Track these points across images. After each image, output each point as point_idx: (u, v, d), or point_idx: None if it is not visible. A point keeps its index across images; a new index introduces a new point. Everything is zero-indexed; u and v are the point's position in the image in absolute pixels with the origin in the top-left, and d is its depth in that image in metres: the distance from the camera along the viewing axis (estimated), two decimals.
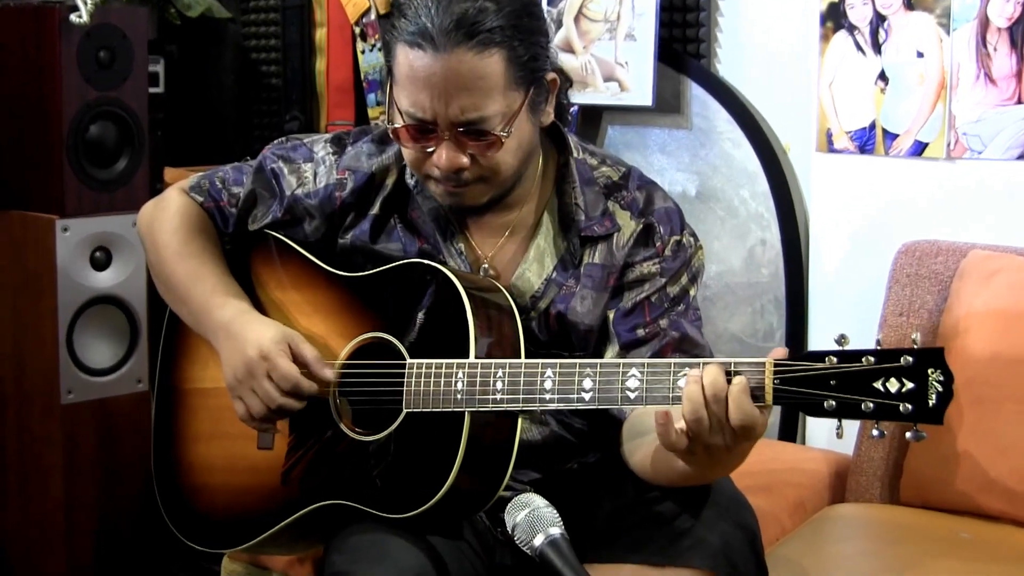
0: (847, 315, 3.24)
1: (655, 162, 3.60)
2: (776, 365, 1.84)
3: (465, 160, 2.08)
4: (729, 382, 1.85)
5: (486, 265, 2.24)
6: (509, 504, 1.88)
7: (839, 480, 3.03)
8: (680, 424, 1.88)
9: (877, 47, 3.14)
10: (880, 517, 2.86)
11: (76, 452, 3.40)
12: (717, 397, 1.84)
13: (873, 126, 3.18)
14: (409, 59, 2.05)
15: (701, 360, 1.91)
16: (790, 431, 3.38)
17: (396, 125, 2.11)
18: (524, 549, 1.84)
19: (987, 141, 3.03)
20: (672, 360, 1.94)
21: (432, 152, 2.10)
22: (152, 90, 3.60)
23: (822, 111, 3.25)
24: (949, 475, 2.78)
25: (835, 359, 1.81)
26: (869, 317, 3.06)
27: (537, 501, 1.86)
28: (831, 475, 3.04)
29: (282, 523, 2.18)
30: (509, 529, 1.86)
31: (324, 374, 2.15)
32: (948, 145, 3.07)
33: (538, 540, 1.82)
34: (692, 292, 2.23)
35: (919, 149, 3.11)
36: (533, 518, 1.84)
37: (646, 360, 1.96)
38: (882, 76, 3.15)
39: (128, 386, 3.46)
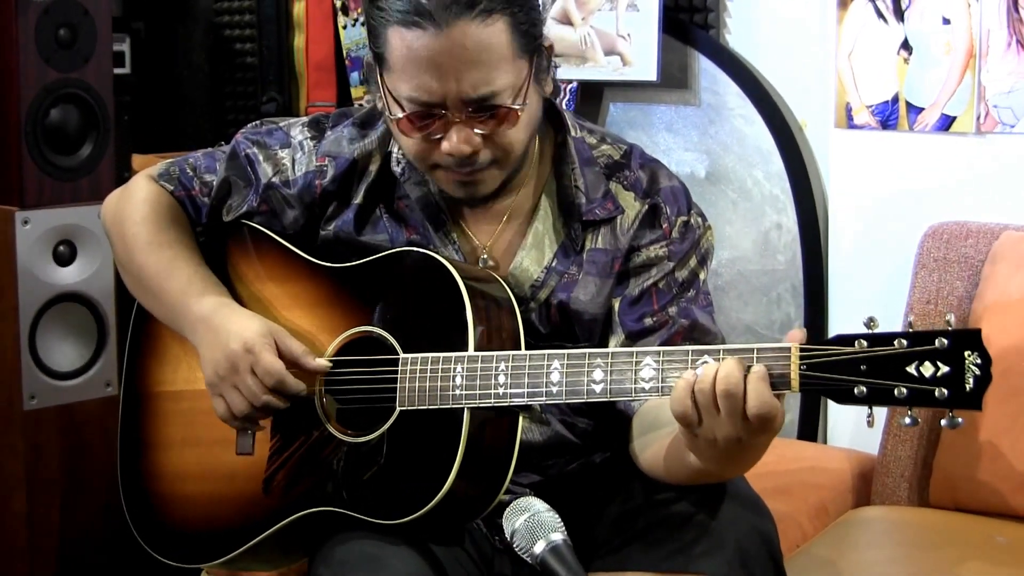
0: (870, 304, 3.24)
1: (661, 141, 3.60)
2: (802, 350, 1.85)
3: (478, 141, 2.09)
4: (748, 371, 1.86)
5: (485, 256, 2.25)
6: (507, 509, 1.88)
7: (863, 481, 3.04)
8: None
9: (900, 14, 3.15)
10: (908, 520, 2.87)
11: (39, 462, 3.39)
12: (729, 392, 1.85)
13: (896, 99, 3.18)
14: (406, 41, 2.05)
15: (721, 347, 1.91)
16: (810, 429, 3.39)
17: (398, 116, 2.11)
18: (524, 557, 1.84)
19: (1020, 114, 3.03)
20: (690, 348, 1.95)
21: (440, 139, 2.10)
22: (117, 71, 3.58)
23: (841, 84, 3.25)
24: (983, 474, 2.78)
25: (865, 343, 1.82)
26: (894, 305, 3.06)
27: (537, 505, 1.86)
28: (855, 476, 3.05)
29: (264, 534, 2.18)
30: (508, 535, 1.86)
31: (315, 365, 2.15)
32: (978, 119, 3.08)
33: (539, 547, 1.82)
34: (702, 276, 2.24)
35: (946, 124, 3.12)
36: (533, 523, 1.84)
37: (661, 348, 1.97)
38: (905, 45, 3.15)
39: (96, 390, 3.45)
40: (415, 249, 2.19)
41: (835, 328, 3.34)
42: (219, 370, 2.17)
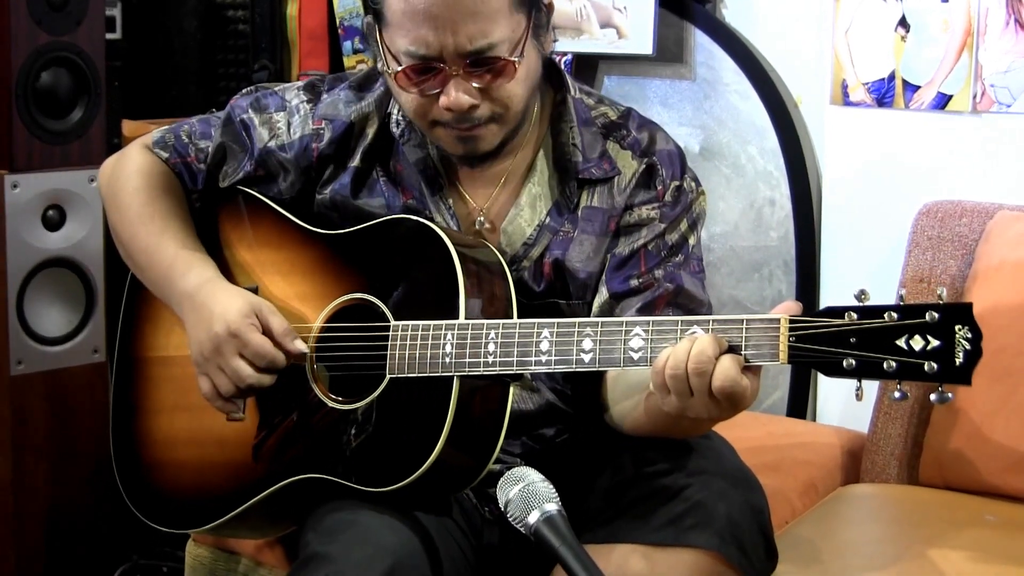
0: (862, 282, 3.15)
1: (655, 115, 3.58)
2: (792, 322, 1.84)
3: (476, 95, 2.10)
4: (717, 357, 1.86)
5: (481, 218, 2.24)
6: (501, 479, 1.88)
7: (853, 459, 3.03)
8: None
9: None
10: (897, 498, 2.87)
11: (26, 428, 3.38)
12: (699, 371, 1.85)
13: (892, 77, 3.17)
14: None
15: (711, 318, 1.91)
16: (800, 406, 3.39)
17: (396, 70, 2.11)
18: (517, 527, 1.84)
19: (1016, 93, 3.03)
20: (680, 318, 1.94)
21: (438, 95, 2.10)
22: (108, 36, 3.57)
23: (837, 61, 3.24)
24: (973, 453, 2.78)
25: (855, 315, 1.81)
26: (886, 283, 3.06)
27: (532, 475, 1.86)
28: (844, 453, 3.04)
29: (253, 500, 2.18)
30: (501, 505, 1.86)
31: (294, 348, 2.15)
32: (974, 97, 3.07)
33: (533, 517, 1.81)
34: (691, 240, 2.24)
35: (942, 102, 3.11)
36: (528, 493, 1.83)
37: (651, 318, 1.97)
38: (903, 22, 3.14)
39: (83, 356, 3.44)
40: (409, 216, 2.18)
41: (827, 305, 3.33)
42: (204, 351, 2.18)
